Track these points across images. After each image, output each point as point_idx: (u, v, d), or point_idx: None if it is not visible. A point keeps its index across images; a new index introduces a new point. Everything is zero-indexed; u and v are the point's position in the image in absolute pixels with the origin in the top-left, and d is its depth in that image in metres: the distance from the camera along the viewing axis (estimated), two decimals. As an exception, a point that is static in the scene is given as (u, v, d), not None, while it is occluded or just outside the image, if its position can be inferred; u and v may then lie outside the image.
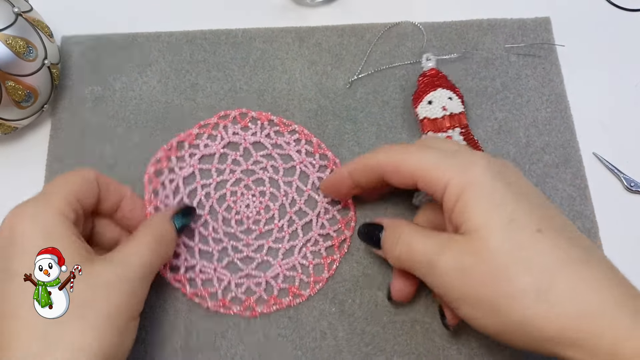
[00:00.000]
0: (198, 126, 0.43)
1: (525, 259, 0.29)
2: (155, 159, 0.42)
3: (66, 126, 0.44)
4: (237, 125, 0.43)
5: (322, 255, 0.40)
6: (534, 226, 0.29)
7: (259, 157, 0.43)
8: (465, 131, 0.42)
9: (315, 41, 0.47)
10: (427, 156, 0.33)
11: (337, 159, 0.42)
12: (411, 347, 0.38)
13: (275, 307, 0.39)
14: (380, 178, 0.35)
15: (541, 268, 0.28)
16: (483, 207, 0.30)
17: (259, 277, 0.40)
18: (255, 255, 0.40)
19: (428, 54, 0.44)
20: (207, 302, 0.39)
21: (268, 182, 0.42)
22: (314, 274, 0.40)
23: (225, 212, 0.41)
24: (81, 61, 0.46)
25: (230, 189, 0.42)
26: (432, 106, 0.42)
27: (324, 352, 0.38)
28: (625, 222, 0.42)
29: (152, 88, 0.45)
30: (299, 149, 0.43)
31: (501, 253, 0.29)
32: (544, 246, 0.29)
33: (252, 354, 0.38)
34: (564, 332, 0.27)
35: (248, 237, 0.41)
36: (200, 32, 0.47)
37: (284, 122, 0.43)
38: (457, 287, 0.30)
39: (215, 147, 0.42)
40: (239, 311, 0.39)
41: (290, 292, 0.39)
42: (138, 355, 0.38)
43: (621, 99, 0.46)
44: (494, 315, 0.29)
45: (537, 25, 0.47)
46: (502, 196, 0.30)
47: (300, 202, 0.41)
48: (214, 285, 0.39)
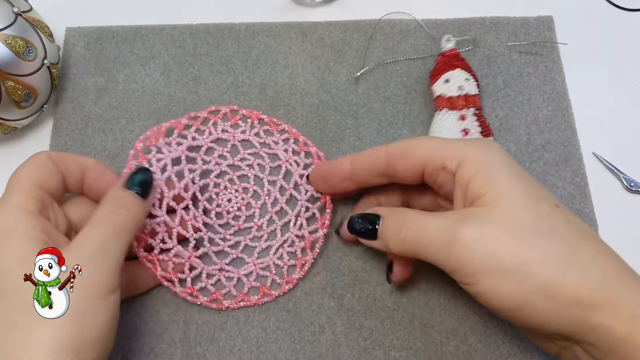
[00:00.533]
0: (187, 117, 0.42)
1: (550, 228, 0.30)
2: (145, 136, 0.41)
3: (69, 117, 0.44)
4: (227, 123, 0.43)
5: (297, 256, 0.40)
6: (551, 201, 0.31)
7: (247, 154, 0.42)
8: (479, 113, 0.42)
9: (318, 36, 0.47)
10: (439, 139, 0.34)
11: (320, 153, 0.42)
12: (409, 342, 0.38)
13: (242, 304, 0.39)
14: (382, 169, 0.35)
15: (565, 237, 0.30)
16: (506, 180, 0.31)
17: (232, 272, 0.39)
18: (231, 251, 0.40)
19: (449, 35, 0.45)
20: (175, 288, 0.38)
21: (253, 179, 0.42)
22: (286, 275, 0.40)
23: (206, 202, 0.41)
24: (85, 53, 0.46)
25: (214, 180, 0.41)
26: (449, 85, 0.42)
27: (322, 346, 0.38)
28: (625, 222, 0.42)
29: (155, 80, 0.45)
30: (287, 148, 0.42)
31: (526, 222, 0.30)
32: (562, 219, 0.31)
33: (250, 347, 0.38)
34: (592, 294, 0.28)
35: (226, 232, 0.40)
36: (203, 25, 0.47)
37: (274, 121, 0.43)
38: (477, 259, 0.30)
39: (203, 141, 0.42)
40: (205, 302, 0.39)
41: (260, 291, 0.39)
42: (137, 346, 0.38)
43: (621, 98, 0.46)
44: (519, 282, 0.29)
45: (540, 23, 0.47)
46: (521, 173, 0.32)
47: (282, 202, 0.41)
48: (184, 271, 0.39)
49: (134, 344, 0.38)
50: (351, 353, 0.38)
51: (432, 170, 0.33)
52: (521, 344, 0.38)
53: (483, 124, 0.42)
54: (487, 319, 0.39)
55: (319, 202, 0.41)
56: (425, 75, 0.45)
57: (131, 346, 0.38)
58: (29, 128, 0.44)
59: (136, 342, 0.38)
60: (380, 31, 0.47)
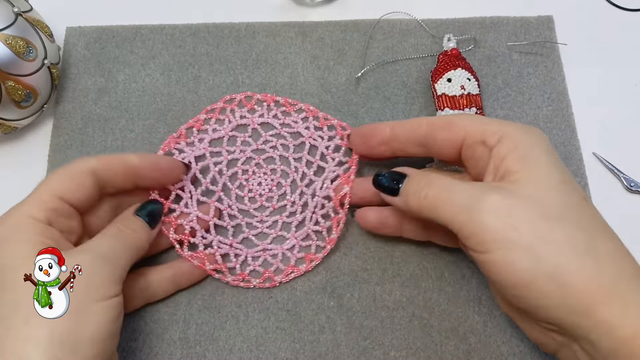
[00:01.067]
0: (205, 111, 0.44)
1: (576, 217, 0.30)
2: (165, 145, 0.42)
3: (69, 116, 0.44)
4: (244, 109, 0.44)
5: (330, 216, 0.41)
6: (581, 193, 0.31)
7: (268, 136, 0.43)
8: (480, 113, 0.42)
9: (318, 36, 0.47)
10: (482, 117, 0.35)
11: (343, 123, 0.43)
12: (409, 342, 0.38)
13: (293, 275, 0.40)
14: (421, 137, 0.35)
15: (588, 229, 0.30)
16: (542, 163, 0.31)
17: (275, 250, 0.40)
18: (270, 231, 0.41)
19: (450, 35, 0.45)
20: (227, 277, 0.39)
21: (278, 159, 0.43)
22: (327, 237, 0.40)
23: (238, 190, 0.42)
24: (85, 52, 0.46)
25: (242, 168, 0.42)
26: (451, 84, 0.42)
27: (321, 346, 0.38)
28: (625, 222, 0.42)
29: (155, 80, 0.45)
30: (308, 126, 0.43)
31: (554, 206, 0.30)
32: (588, 212, 0.31)
33: (250, 347, 0.38)
34: (602, 288, 0.28)
35: (262, 214, 0.41)
36: (204, 25, 0.47)
37: (289, 102, 0.44)
38: (496, 228, 0.30)
39: (224, 131, 0.43)
40: (259, 283, 0.39)
41: (306, 259, 0.40)
42: (136, 345, 0.38)
43: (621, 98, 0.46)
44: (533, 260, 0.29)
45: (540, 23, 0.47)
46: (557, 160, 0.32)
47: (310, 174, 0.42)
48: (231, 260, 0.40)
49: (133, 344, 0.38)
50: (350, 353, 0.38)
51: (472, 144, 0.34)
52: (521, 344, 0.38)
53: None
54: (487, 319, 0.39)
55: (345, 164, 0.42)
56: (425, 76, 0.45)
57: (131, 345, 0.38)
58: (29, 128, 0.45)
59: (136, 342, 0.38)
60: (380, 31, 0.47)
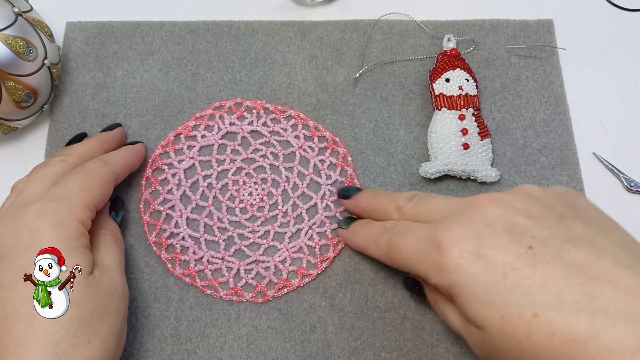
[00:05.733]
0: (194, 118, 0.44)
1: None
2: (152, 159, 0.42)
3: (67, 111, 0.44)
4: (233, 116, 0.44)
5: (327, 236, 0.41)
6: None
7: (258, 145, 0.43)
8: (478, 114, 0.42)
9: (317, 36, 0.47)
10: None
11: (336, 138, 0.43)
12: (400, 343, 0.38)
13: (286, 290, 0.40)
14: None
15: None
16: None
17: (267, 262, 0.40)
18: (262, 241, 0.41)
19: (450, 35, 0.45)
20: (219, 293, 0.39)
21: (269, 168, 0.42)
22: (319, 254, 0.40)
23: (228, 201, 0.42)
24: (84, 47, 0.46)
25: (232, 178, 0.42)
26: (449, 84, 0.42)
27: (312, 346, 0.38)
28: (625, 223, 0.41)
29: (153, 77, 0.45)
30: (297, 134, 0.43)
31: None
32: None
33: (240, 345, 0.38)
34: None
35: (253, 224, 0.41)
36: (203, 22, 0.47)
37: (279, 109, 0.44)
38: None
39: (213, 138, 0.43)
40: (251, 298, 0.39)
41: (298, 273, 0.40)
42: (127, 341, 0.38)
43: (621, 99, 0.46)
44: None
45: (540, 27, 0.47)
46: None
47: (303, 187, 0.42)
48: (223, 274, 0.40)
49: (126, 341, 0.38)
50: (341, 353, 0.38)
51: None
52: (512, 348, 0.38)
53: (481, 125, 0.42)
54: (479, 322, 0.39)
55: (343, 185, 0.42)
56: (423, 77, 0.45)
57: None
58: (29, 128, 0.45)
59: (127, 337, 0.38)
60: (379, 31, 0.47)
